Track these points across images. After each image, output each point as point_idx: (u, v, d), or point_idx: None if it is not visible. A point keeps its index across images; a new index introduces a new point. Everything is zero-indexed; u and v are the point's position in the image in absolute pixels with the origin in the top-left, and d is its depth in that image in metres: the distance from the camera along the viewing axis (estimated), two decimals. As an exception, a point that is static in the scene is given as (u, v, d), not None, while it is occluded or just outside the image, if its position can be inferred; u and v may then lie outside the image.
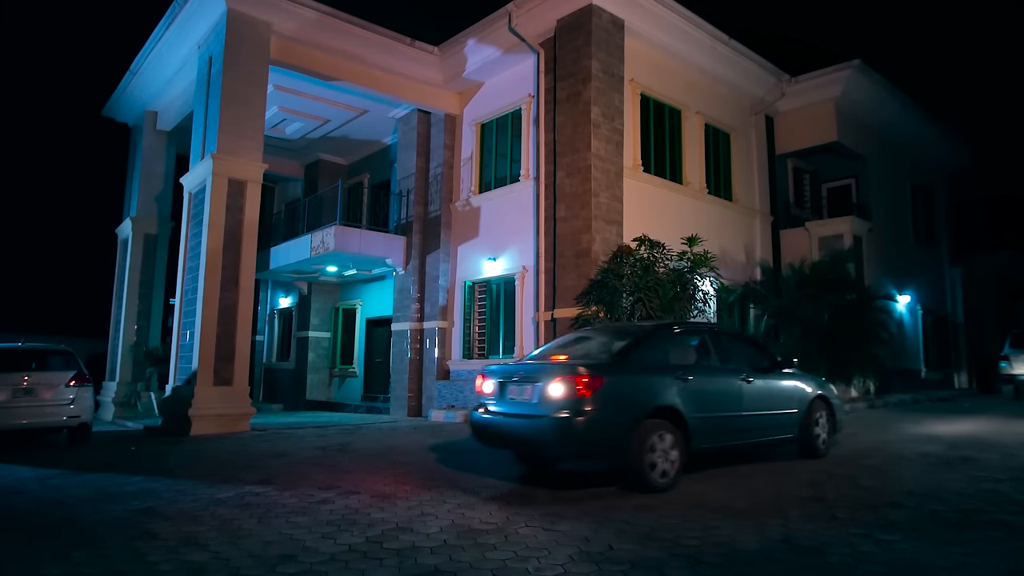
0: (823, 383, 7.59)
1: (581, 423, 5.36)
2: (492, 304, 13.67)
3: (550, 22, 12.34)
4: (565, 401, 5.44)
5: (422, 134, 15.42)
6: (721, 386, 6.46)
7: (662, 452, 5.60)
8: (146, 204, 16.35)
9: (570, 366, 5.72)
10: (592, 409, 5.38)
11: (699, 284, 11.28)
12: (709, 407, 6.16)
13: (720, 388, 6.44)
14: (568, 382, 5.47)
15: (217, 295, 11.34)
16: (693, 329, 7.23)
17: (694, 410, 5.92)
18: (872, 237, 16.38)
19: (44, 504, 5.57)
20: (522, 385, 5.92)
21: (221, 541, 4.31)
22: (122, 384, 15.54)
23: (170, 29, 13.21)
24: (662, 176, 13.26)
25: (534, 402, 5.69)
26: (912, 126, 18.30)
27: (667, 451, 5.63)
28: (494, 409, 6.15)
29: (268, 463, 7.61)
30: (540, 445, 5.81)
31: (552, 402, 5.51)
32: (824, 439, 7.31)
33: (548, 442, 5.61)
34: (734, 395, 6.47)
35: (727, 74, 14.70)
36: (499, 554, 3.96)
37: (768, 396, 6.80)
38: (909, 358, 17.63)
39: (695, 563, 3.74)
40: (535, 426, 5.60)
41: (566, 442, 5.49)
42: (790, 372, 7.24)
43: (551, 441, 5.56)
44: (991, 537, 4.22)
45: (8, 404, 9.07)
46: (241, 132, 11.79)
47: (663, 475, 5.57)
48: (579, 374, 5.49)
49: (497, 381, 6.22)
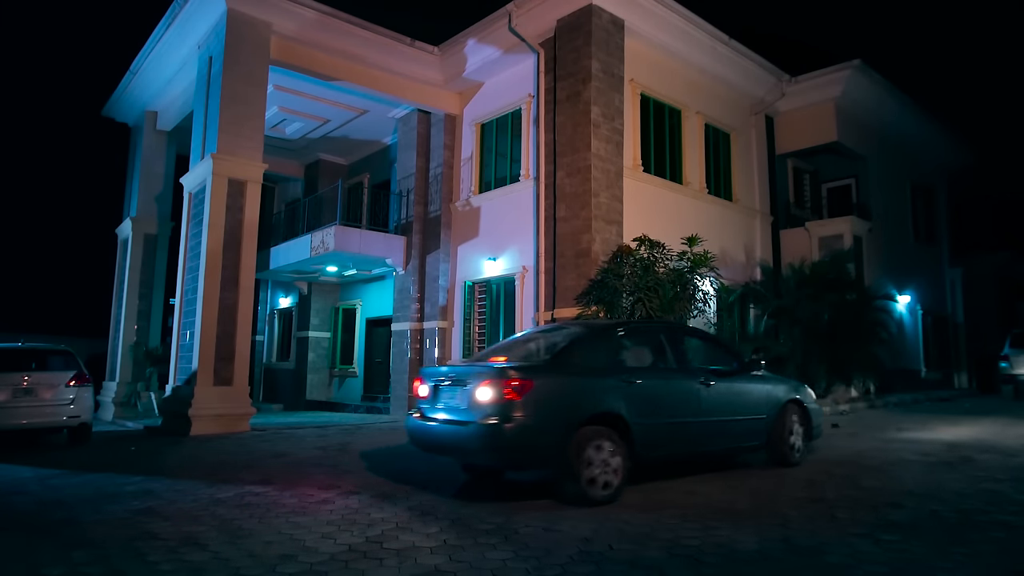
0: (798, 386, 7.17)
1: (510, 430, 4.98)
2: (492, 304, 13.67)
3: (550, 22, 12.34)
4: (493, 406, 5.03)
5: (422, 134, 15.42)
6: (675, 390, 6.03)
7: (601, 462, 5.18)
8: (146, 204, 16.35)
9: (499, 369, 5.24)
10: (522, 415, 4.99)
11: (699, 284, 11.28)
12: (659, 412, 5.76)
13: (673, 392, 6.01)
14: (496, 386, 5.06)
15: (217, 295, 11.34)
16: (645, 329, 6.93)
17: (641, 416, 5.52)
18: (872, 237, 16.38)
19: (44, 504, 5.57)
20: (453, 389, 5.52)
21: (221, 541, 4.31)
22: (122, 384, 15.54)
23: (170, 29, 13.21)
24: (662, 176, 13.26)
25: (463, 407, 5.30)
26: (912, 126, 18.30)
27: (607, 460, 5.21)
28: (428, 414, 5.76)
29: (268, 463, 7.61)
30: (468, 453, 5.42)
31: (480, 407, 5.10)
32: (798, 446, 6.84)
33: (475, 450, 5.21)
34: (690, 399, 6.05)
35: (727, 74, 14.70)
36: (499, 553, 3.96)
37: (731, 400, 6.38)
38: (909, 358, 17.63)
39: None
40: (463, 433, 5.19)
41: (494, 450, 5.10)
42: (760, 375, 6.86)
43: (478, 449, 5.17)
44: (991, 537, 4.23)
45: (8, 404, 9.07)
46: (241, 132, 11.79)
47: (604, 486, 5.17)
48: (507, 377, 5.08)
49: (431, 384, 5.82)
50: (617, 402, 5.43)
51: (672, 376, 6.16)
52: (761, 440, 6.67)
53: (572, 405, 5.26)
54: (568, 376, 5.44)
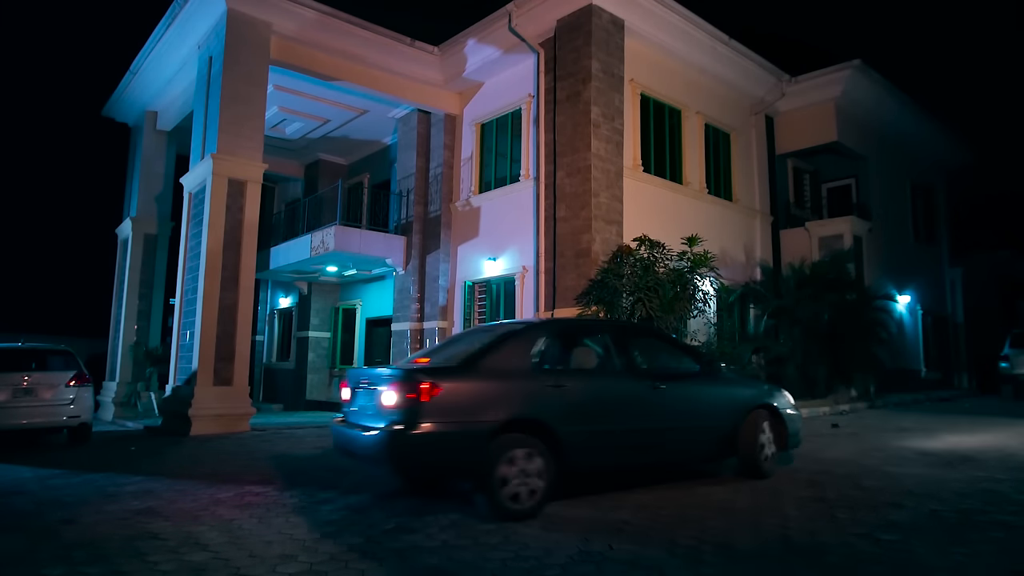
0: (771, 391, 6.61)
1: (416, 437, 4.59)
2: (492, 304, 13.67)
3: (550, 22, 12.34)
4: (398, 412, 4.66)
5: (422, 134, 15.43)
6: (616, 394, 5.54)
7: (519, 472, 4.75)
8: (146, 204, 16.35)
9: (405, 371, 4.86)
10: (428, 421, 4.62)
11: (699, 284, 11.29)
12: (596, 419, 5.29)
13: (615, 396, 5.51)
14: (401, 390, 4.68)
15: (217, 295, 11.34)
16: (589, 328, 6.60)
17: (571, 423, 5.08)
18: (872, 237, 16.38)
19: (44, 504, 5.56)
20: (367, 392, 5.17)
21: (221, 541, 4.31)
22: (122, 384, 15.54)
23: (170, 29, 13.21)
24: (662, 176, 13.26)
25: (372, 412, 4.99)
26: (912, 126, 18.30)
27: (526, 471, 4.78)
28: (348, 418, 5.44)
29: (268, 463, 7.61)
30: (375, 461, 5.01)
31: (387, 412, 4.76)
32: (768, 456, 6.21)
33: (380, 458, 4.83)
34: (635, 404, 5.54)
35: (727, 74, 14.70)
36: (500, 553, 3.97)
37: (687, 406, 5.89)
38: (909, 358, 17.63)
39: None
40: (370, 439, 4.81)
41: (399, 459, 4.74)
42: (726, 378, 6.41)
43: (383, 457, 4.79)
44: (991, 537, 4.23)
45: (8, 404, 9.07)
46: (241, 132, 11.79)
47: (521, 499, 4.74)
48: (412, 380, 4.69)
49: (351, 387, 5.51)
50: (541, 407, 5.01)
51: (615, 379, 5.67)
52: (725, 449, 6.12)
53: (486, 411, 4.82)
54: (484, 379, 4.97)
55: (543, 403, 5.05)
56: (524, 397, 5.02)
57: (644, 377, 5.77)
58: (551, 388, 5.15)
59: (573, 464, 5.13)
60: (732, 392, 6.29)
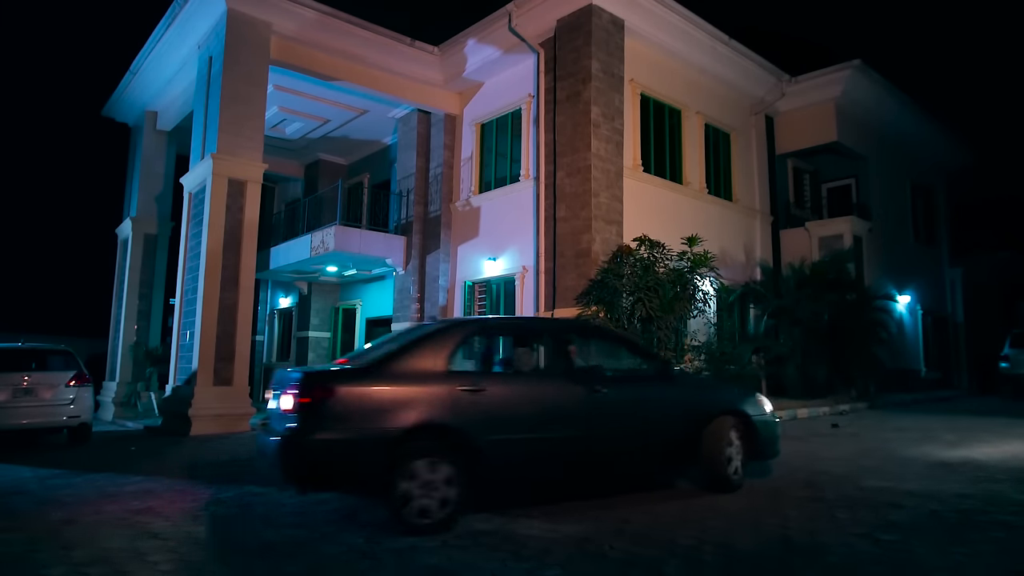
0: (742, 395, 6.06)
1: (309, 445, 4.31)
2: (492, 304, 13.67)
3: (550, 22, 12.34)
4: (295, 417, 4.40)
5: (422, 134, 15.43)
6: (548, 399, 5.06)
7: (425, 484, 4.39)
8: (146, 204, 16.35)
9: (304, 374, 4.56)
10: (324, 428, 4.33)
11: (699, 284, 11.29)
12: (522, 426, 4.85)
13: (546, 401, 5.04)
14: (297, 394, 4.40)
15: (217, 295, 11.34)
16: (522, 327, 6.22)
17: (493, 430, 4.68)
18: (872, 237, 16.38)
19: (44, 504, 5.57)
20: (277, 396, 4.90)
21: (221, 541, 4.31)
22: (122, 384, 15.54)
23: (170, 29, 13.21)
24: (662, 176, 13.26)
25: (278, 416, 4.75)
26: (912, 126, 18.31)
27: (433, 482, 4.41)
28: (268, 421, 5.17)
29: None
30: (275, 469, 4.60)
31: (285, 418, 4.52)
32: (736, 467, 5.61)
33: (276, 466, 4.51)
34: (569, 411, 5.07)
35: (727, 74, 14.70)
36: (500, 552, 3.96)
37: (632, 411, 5.39)
38: (909, 358, 17.63)
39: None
40: (271, 446, 4.54)
41: (291, 468, 4.42)
42: (687, 381, 5.91)
43: (277, 465, 4.48)
44: (991, 537, 4.23)
45: (8, 404, 9.07)
46: (241, 132, 11.79)
47: (427, 513, 4.37)
48: (305, 385, 4.42)
49: (273, 388, 5.19)
50: (453, 413, 4.61)
51: (547, 382, 5.26)
52: (682, 459, 5.63)
53: (389, 417, 4.45)
54: (391, 383, 4.61)
55: (458, 409, 4.64)
56: (435, 402, 4.61)
57: (582, 380, 5.25)
58: (469, 393, 4.71)
59: (496, 475, 4.78)
60: (689, 397, 5.79)
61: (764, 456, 6.02)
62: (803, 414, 11.73)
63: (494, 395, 4.83)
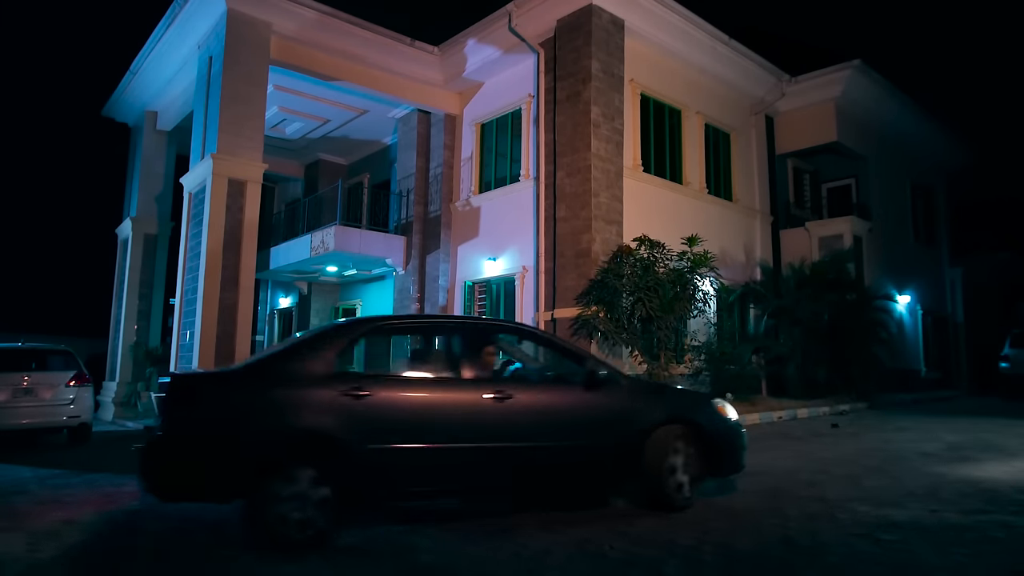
0: (694, 401, 5.48)
1: (168, 451, 4.08)
2: (492, 304, 13.67)
3: (550, 22, 12.34)
4: (159, 421, 4.20)
5: (422, 134, 15.43)
6: (444, 404, 4.59)
7: (297, 496, 4.03)
8: (146, 204, 16.35)
9: (173, 378, 4.29)
10: (188, 433, 4.08)
11: (699, 284, 11.29)
12: (410, 434, 4.39)
13: (441, 407, 4.57)
14: (163, 398, 4.18)
15: (217, 295, 11.34)
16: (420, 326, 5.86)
17: (376, 439, 4.27)
18: (872, 237, 16.38)
19: (44, 504, 5.56)
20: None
21: (221, 541, 4.31)
22: (122, 384, 15.54)
23: (170, 29, 13.21)
24: (662, 176, 13.26)
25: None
26: (912, 126, 18.30)
27: (306, 494, 4.05)
28: None
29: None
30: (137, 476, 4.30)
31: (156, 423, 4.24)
32: (683, 482, 4.98)
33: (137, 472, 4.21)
34: (469, 417, 4.58)
35: (727, 74, 14.70)
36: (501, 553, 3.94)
37: (548, 419, 4.81)
38: (909, 358, 17.62)
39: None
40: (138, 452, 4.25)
41: (152, 473, 4.10)
42: (617, 386, 5.07)
43: (137, 471, 4.19)
44: (992, 537, 4.22)
45: (8, 404, 9.08)
46: (241, 132, 11.79)
47: (302, 526, 4.01)
48: (173, 388, 4.19)
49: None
50: (330, 420, 4.20)
51: (445, 386, 4.71)
52: (616, 473, 5.04)
53: (256, 422, 4.14)
54: (263, 386, 4.28)
55: (335, 414, 4.22)
56: (311, 407, 4.22)
57: (486, 384, 4.73)
58: (350, 397, 4.27)
59: (379, 487, 4.36)
60: (623, 403, 5.06)
61: (722, 471, 5.34)
62: (803, 414, 11.73)
63: (381, 400, 4.37)
